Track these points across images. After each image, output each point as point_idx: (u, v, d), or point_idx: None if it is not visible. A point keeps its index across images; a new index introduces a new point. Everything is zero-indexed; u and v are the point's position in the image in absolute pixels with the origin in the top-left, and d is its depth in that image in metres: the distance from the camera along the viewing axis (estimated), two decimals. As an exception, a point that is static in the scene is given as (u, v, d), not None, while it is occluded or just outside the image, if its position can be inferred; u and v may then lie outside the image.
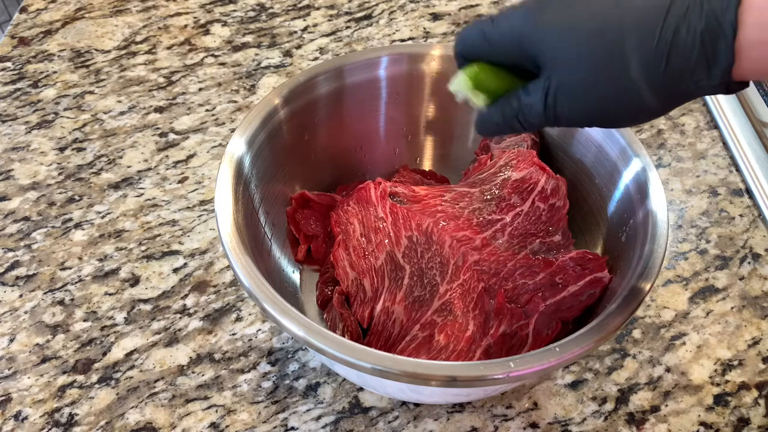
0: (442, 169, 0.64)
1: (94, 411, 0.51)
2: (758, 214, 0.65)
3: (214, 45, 0.81)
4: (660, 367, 0.54)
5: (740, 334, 0.56)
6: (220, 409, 0.51)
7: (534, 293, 0.48)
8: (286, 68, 0.79)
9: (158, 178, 0.67)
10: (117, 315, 0.56)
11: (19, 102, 0.74)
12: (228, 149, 0.49)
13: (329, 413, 0.51)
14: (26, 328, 0.55)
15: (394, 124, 0.61)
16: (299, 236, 0.56)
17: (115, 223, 0.63)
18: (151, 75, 0.77)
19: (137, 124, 0.72)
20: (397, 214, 0.51)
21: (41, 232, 0.62)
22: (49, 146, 0.70)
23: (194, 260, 0.60)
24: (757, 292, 0.59)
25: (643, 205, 0.48)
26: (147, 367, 0.53)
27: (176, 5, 0.87)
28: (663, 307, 0.58)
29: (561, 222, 0.52)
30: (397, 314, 0.49)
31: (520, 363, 0.39)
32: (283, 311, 0.41)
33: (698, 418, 0.51)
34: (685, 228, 0.64)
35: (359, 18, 0.86)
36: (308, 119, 0.56)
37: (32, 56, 0.79)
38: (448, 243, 0.49)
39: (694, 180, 0.68)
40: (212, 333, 0.55)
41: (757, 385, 0.53)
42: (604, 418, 0.51)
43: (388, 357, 0.39)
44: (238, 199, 0.48)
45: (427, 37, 0.83)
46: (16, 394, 0.51)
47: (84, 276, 0.59)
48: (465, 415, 0.51)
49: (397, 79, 0.59)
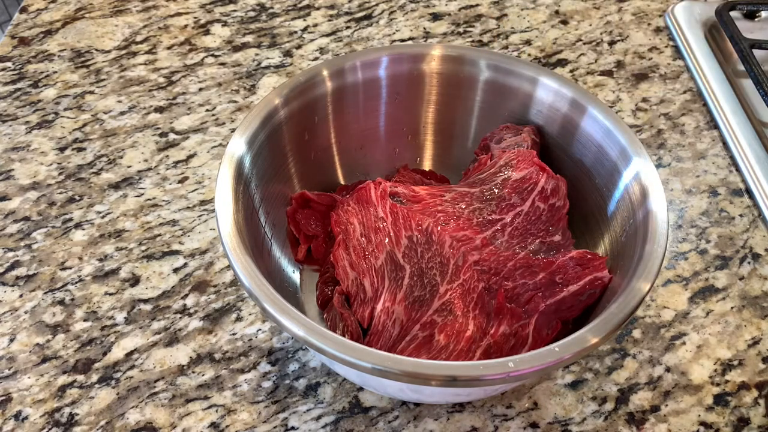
0: (442, 169, 0.64)
1: (95, 411, 0.51)
2: (758, 214, 0.65)
3: (214, 45, 0.81)
4: (660, 367, 0.54)
5: (740, 334, 0.56)
6: (221, 408, 0.51)
7: (534, 293, 0.48)
8: (286, 68, 0.79)
9: (158, 178, 0.67)
10: (117, 315, 0.56)
11: (19, 102, 0.74)
12: (228, 149, 0.49)
13: (329, 413, 0.51)
14: (26, 328, 0.55)
15: (394, 124, 0.61)
16: (299, 236, 0.56)
17: (115, 223, 0.63)
18: (151, 75, 0.77)
19: (137, 124, 0.72)
20: (397, 214, 0.51)
21: (41, 232, 0.62)
22: (49, 146, 0.70)
23: (194, 260, 0.60)
24: (757, 292, 0.59)
25: (643, 205, 0.48)
26: (147, 367, 0.53)
27: (176, 5, 0.87)
28: (663, 307, 0.58)
29: (561, 222, 0.52)
30: (397, 314, 0.49)
31: (520, 363, 0.39)
32: (283, 311, 0.41)
33: (698, 418, 0.51)
34: (685, 228, 0.64)
35: (359, 18, 0.86)
36: (308, 119, 0.56)
37: (32, 56, 0.79)
38: (448, 243, 0.49)
39: (694, 180, 0.68)
40: (212, 333, 0.55)
41: (757, 385, 0.53)
42: (604, 418, 0.51)
43: (388, 357, 0.39)
44: (238, 199, 0.48)
45: (427, 37, 0.83)
46: (16, 394, 0.51)
47: (84, 276, 0.59)
48: (465, 414, 0.51)
49: (397, 79, 0.59)
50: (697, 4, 0.86)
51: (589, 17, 0.87)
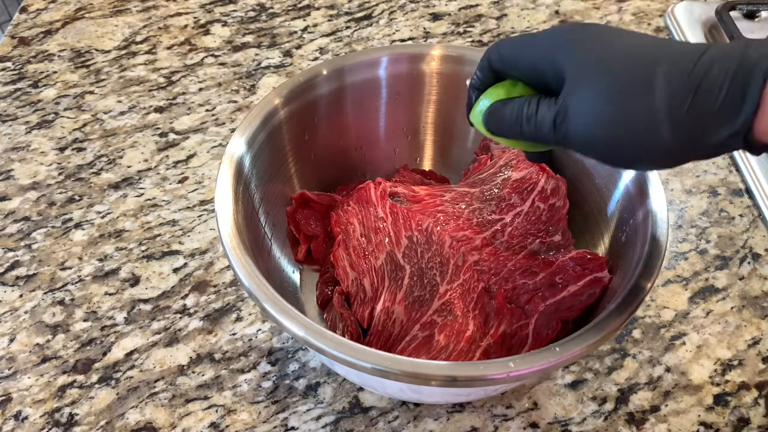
0: (442, 169, 0.64)
1: (94, 411, 0.51)
2: (758, 214, 0.65)
3: (214, 45, 0.81)
4: (660, 367, 0.54)
5: (740, 334, 0.56)
6: (220, 408, 0.51)
7: (534, 293, 0.48)
8: (286, 68, 0.79)
9: (158, 178, 0.67)
10: (117, 315, 0.56)
11: (19, 102, 0.74)
12: (228, 149, 0.49)
13: (329, 413, 0.51)
14: (26, 328, 0.55)
15: (394, 124, 0.61)
16: (299, 236, 0.56)
17: (115, 223, 0.63)
18: (151, 75, 0.77)
19: (137, 124, 0.72)
20: (397, 214, 0.51)
21: (41, 232, 0.62)
22: (49, 146, 0.70)
23: (194, 260, 0.60)
24: (757, 292, 0.59)
25: (643, 205, 0.48)
26: (147, 367, 0.53)
27: (176, 5, 0.87)
28: (663, 307, 0.58)
29: (561, 222, 0.52)
30: (397, 314, 0.49)
31: (520, 363, 0.39)
32: (283, 311, 0.41)
33: (698, 418, 0.51)
34: (685, 228, 0.64)
35: (359, 18, 0.86)
36: (308, 119, 0.56)
37: (32, 56, 0.79)
38: (448, 243, 0.49)
39: (693, 180, 0.68)
40: (212, 333, 0.55)
41: (757, 385, 0.53)
42: (604, 418, 0.51)
43: (388, 357, 0.39)
44: (238, 199, 0.48)
45: (427, 37, 0.83)
46: (17, 394, 0.51)
47: (84, 276, 0.59)
48: (465, 415, 0.51)
49: (397, 79, 0.59)
50: (697, 4, 0.86)
51: (589, 17, 0.87)
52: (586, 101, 0.35)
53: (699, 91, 0.32)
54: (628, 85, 0.34)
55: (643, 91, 0.34)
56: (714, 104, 0.32)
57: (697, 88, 0.32)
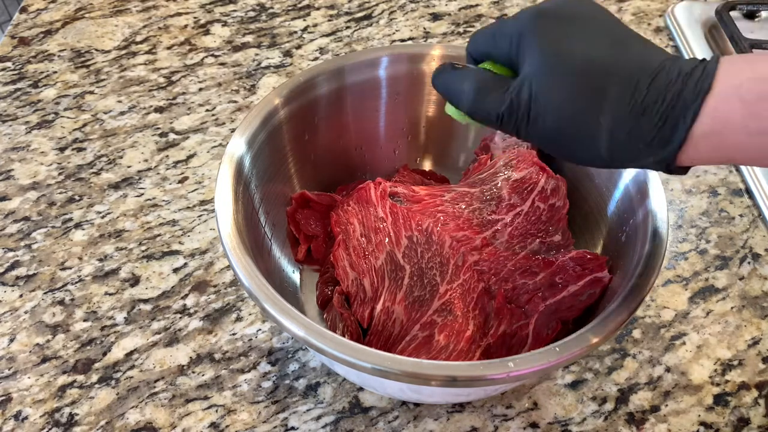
0: (442, 169, 0.64)
1: (94, 411, 0.51)
2: (758, 214, 0.65)
3: (214, 45, 0.81)
4: (660, 367, 0.54)
5: (740, 334, 0.56)
6: (220, 409, 0.51)
7: (534, 293, 0.48)
8: (286, 68, 0.79)
9: (158, 178, 0.67)
10: (117, 315, 0.56)
11: (19, 102, 0.74)
12: (228, 149, 0.49)
13: (329, 413, 0.51)
14: (26, 328, 0.55)
15: (394, 124, 0.61)
16: (299, 236, 0.56)
17: (115, 223, 0.63)
18: (151, 75, 0.77)
19: (137, 124, 0.72)
20: (397, 214, 0.51)
21: (41, 232, 0.62)
22: (49, 146, 0.70)
23: (194, 260, 0.60)
24: (757, 292, 0.59)
25: (643, 205, 0.48)
26: (147, 367, 0.53)
27: (176, 5, 0.87)
28: (663, 307, 0.58)
29: (561, 222, 0.52)
30: (397, 314, 0.49)
31: (520, 363, 0.39)
32: (283, 311, 0.41)
33: (698, 418, 0.51)
34: (685, 228, 0.64)
35: (359, 18, 0.86)
36: (308, 119, 0.56)
37: (32, 56, 0.79)
38: (448, 243, 0.49)
39: (693, 180, 0.68)
40: (212, 333, 0.55)
41: (757, 385, 0.53)
42: (604, 418, 0.51)
43: (388, 357, 0.39)
44: (238, 199, 0.48)
45: (427, 37, 0.83)
46: (16, 394, 0.51)
47: (84, 276, 0.59)
48: (465, 415, 0.51)
49: (397, 79, 0.59)
50: (697, 4, 0.86)
51: (589, 17, 0.87)
52: (537, 99, 0.36)
53: (641, 121, 0.34)
54: (578, 98, 0.35)
55: (593, 104, 0.35)
56: (649, 135, 0.34)
57: (640, 118, 0.34)
